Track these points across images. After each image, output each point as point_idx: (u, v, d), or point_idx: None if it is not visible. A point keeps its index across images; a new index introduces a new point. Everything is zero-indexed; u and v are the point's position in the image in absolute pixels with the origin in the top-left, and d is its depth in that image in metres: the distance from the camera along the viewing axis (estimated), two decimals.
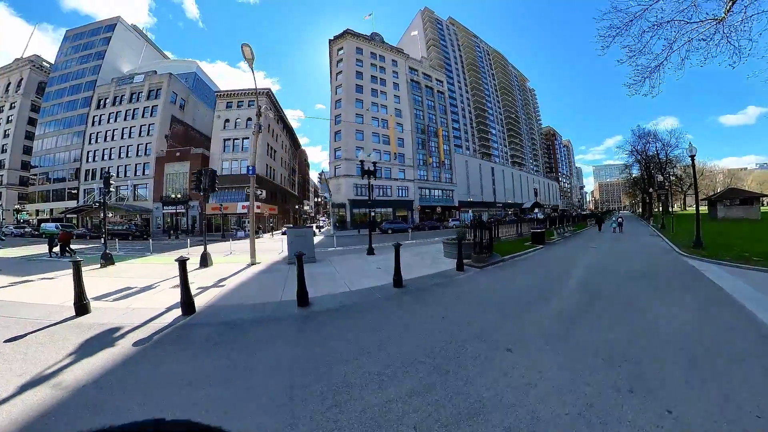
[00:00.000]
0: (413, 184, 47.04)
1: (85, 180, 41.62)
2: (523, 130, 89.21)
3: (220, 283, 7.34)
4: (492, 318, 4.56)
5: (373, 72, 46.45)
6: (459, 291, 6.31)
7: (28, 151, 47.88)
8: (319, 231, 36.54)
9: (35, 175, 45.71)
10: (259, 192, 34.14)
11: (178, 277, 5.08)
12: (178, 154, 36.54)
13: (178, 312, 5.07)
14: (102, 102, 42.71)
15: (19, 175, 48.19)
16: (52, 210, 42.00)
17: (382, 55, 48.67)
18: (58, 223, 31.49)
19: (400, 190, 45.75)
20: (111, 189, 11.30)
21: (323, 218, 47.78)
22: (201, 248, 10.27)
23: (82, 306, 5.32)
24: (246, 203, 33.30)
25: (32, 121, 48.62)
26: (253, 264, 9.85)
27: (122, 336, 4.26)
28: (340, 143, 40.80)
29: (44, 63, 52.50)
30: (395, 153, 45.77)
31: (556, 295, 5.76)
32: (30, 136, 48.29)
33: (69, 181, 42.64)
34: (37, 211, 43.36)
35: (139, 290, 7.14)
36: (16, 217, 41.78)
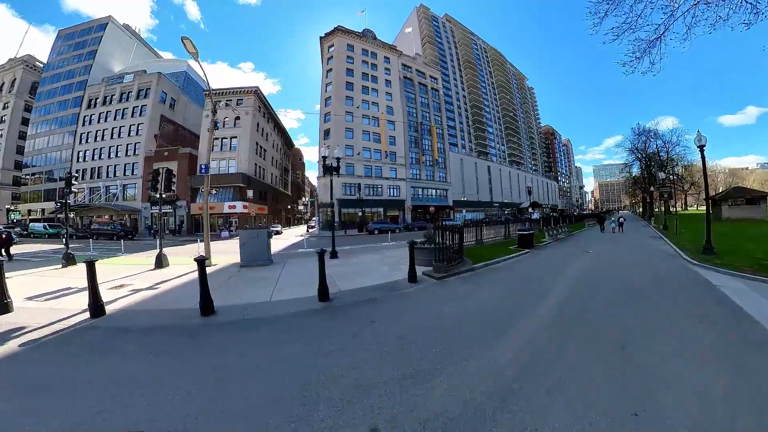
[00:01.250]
0: (405, 183, 46.85)
1: (76, 180, 41.82)
2: (522, 129, 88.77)
3: (156, 286, 7.36)
4: (396, 372, 3.01)
5: (364, 69, 46.19)
6: (389, 312, 5.11)
7: (21, 151, 48.08)
8: (308, 231, 36.63)
9: (27, 175, 45.99)
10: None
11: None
12: (166, 153, 36.62)
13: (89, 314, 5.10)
14: (93, 102, 42.83)
15: (13, 175, 48.48)
16: (44, 210, 42.25)
17: (374, 52, 48.40)
18: (46, 223, 31.71)
19: (392, 189, 45.52)
20: (73, 190, 11.35)
21: (315, 219, 47.79)
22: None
23: (3, 305, 5.45)
24: (232, 203, 33.45)
25: (26, 122, 48.82)
26: (207, 266, 9.85)
27: (18, 336, 4.30)
28: (329, 142, 40.72)
29: (37, 63, 52.64)
30: (386, 151, 45.54)
31: (515, 328, 4.21)
32: (23, 137, 48.49)
33: (60, 180, 42.82)
34: (29, 211, 43.63)
35: (77, 290, 7.16)
36: (9, 217, 42.03)
